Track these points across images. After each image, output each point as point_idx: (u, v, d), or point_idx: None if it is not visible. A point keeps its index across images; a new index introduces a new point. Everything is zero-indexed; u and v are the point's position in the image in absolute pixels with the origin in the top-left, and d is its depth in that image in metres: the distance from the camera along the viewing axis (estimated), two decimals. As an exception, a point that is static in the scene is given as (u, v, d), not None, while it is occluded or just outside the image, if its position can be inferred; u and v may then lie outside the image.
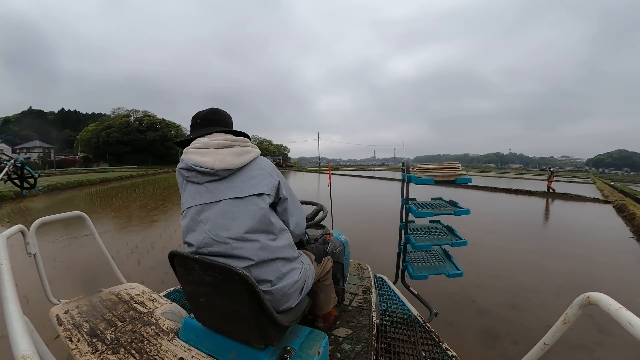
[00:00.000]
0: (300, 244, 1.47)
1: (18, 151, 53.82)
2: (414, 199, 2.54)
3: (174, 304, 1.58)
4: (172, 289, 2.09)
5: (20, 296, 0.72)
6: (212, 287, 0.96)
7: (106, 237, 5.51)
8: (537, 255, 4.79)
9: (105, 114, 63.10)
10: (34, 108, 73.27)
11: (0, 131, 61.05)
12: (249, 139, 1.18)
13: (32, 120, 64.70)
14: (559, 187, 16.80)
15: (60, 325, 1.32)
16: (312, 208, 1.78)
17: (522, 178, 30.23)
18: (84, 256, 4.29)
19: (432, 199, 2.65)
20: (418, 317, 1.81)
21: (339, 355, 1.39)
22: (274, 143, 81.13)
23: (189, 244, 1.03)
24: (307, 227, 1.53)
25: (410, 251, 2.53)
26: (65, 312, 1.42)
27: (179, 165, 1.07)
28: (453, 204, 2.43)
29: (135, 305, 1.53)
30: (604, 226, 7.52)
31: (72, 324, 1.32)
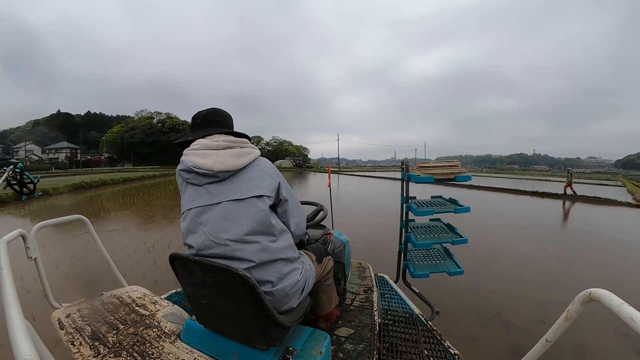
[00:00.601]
0: (301, 244, 1.46)
1: (47, 151, 60.17)
2: (414, 198, 2.54)
3: (176, 306, 1.58)
4: (173, 291, 2.09)
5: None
6: (213, 288, 0.96)
7: (124, 235, 5.73)
8: (566, 264, 4.54)
9: (129, 116, 67.62)
10: (62, 111, 77.04)
11: (31, 133, 64.91)
12: (249, 139, 1.18)
13: (61, 123, 67.94)
14: (585, 190, 15.93)
15: (62, 329, 1.32)
16: (313, 208, 1.78)
17: (546, 180, 27.86)
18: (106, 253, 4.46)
19: (432, 197, 2.65)
20: (420, 316, 1.81)
21: (341, 355, 1.38)
22: (294, 144, 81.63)
23: (190, 246, 1.03)
24: (307, 227, 1.52)
25: (411, 250, 2.53)
26: (67, 316, 1.42)
27: (179, 166, 1.07)
28: (453, 202, 2.43)
29: (137, 308, 1.52)
30: (638, 233, 6.98)
31: (74, 328, 1.32)
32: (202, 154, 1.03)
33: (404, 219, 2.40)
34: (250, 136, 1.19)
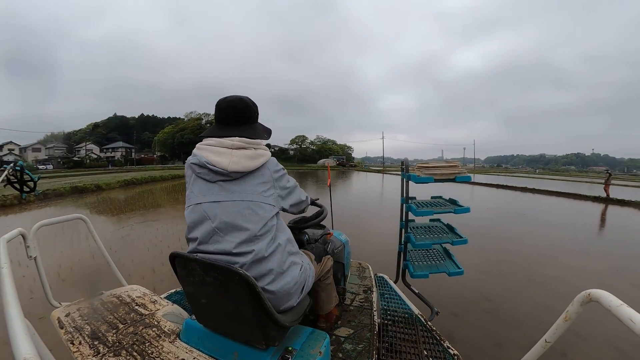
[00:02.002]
0: (300, 243, 1.47)
1: (105, 150, 66.88)
2: (414, 198, 2.54)
3: (175, 305, 1.58)
4: (173, 290, 2.09)
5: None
6: (213, 287, 0.96)
7: (162, 229, 6.14)
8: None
9: (179, 118, 75.00)
10: (118, 114, 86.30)
11: (90, 134, 74.35)
12: (269, 134, 1.20)
13: (117, 124, 77.96)
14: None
15: (62, 328, 1.32)
16: (313, 209, 1.78)
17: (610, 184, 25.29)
18: (143, 245, 4.84)
19: (432, 197, 2.65)
20: (419, 316, 1.81)
21: (340, 355, 1.39)
22: (338, 143, 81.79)
23: (193, 240, 1.04)
24: (307, 227, 1.52)
25: (411, 250, 2.53)
26: (67, 315, 1.42)
27: (191, 159, 1.08)
28: (453, 202, 2.43)
29: (137, 307, 1.52)
30: None
31: (74, 327, 1.32)
32: (216, 151, 1.05)
33: (403, 219, 2.40)
34: (271, 131, 1.22)
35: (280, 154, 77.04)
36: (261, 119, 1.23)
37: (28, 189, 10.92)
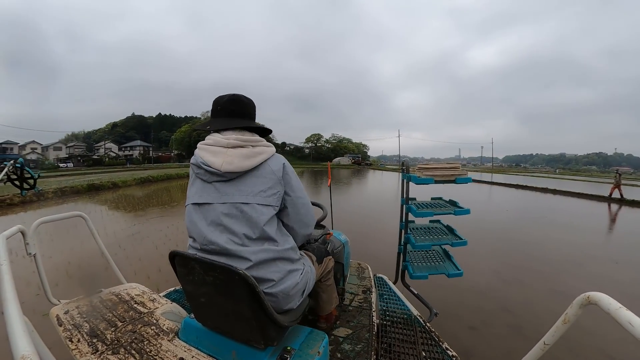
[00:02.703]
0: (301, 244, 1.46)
1: (123, 149, 67.81)
2: (414, 199, 2.54)
3: (174, 304, 1.58)
4: (172, 289, 2.09)
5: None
6: (213, 287, 0.96)
7: (173, 228, 6.16)
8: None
9: (196, 117, 76.41)
10: (136, 114, 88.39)
11: (109, 133, 76.09)
12: (269, 132, 1.18)
13: (135, 124, 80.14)
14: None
15: (61, 325, 1.32)
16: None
17: (632, 185, 22.16)
18: (150, 244, 4.86)
19: (432, 198, 2.64)
20: (418, 317, 1.81)
21: (339, 355, 1.38)
22: (353, 141, 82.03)
23: (194, 239, 1.04)
24: None
25: (411, 251, 2.53)
26: (66, 313, 1.42)
27: (192, 159, 1.08)
28: (453, 203, 2.43)
29: (136, 305, 1.52)
30: None
31: (72, 324, 1.32)
32: (212, 150, 1.03)
33: (403, 220, 2.40)
34: (270, 130, 1.19)
35: (295, 152, 77.46)
36: (276, 118, 1.25)
37: (28, 186, 10.92)
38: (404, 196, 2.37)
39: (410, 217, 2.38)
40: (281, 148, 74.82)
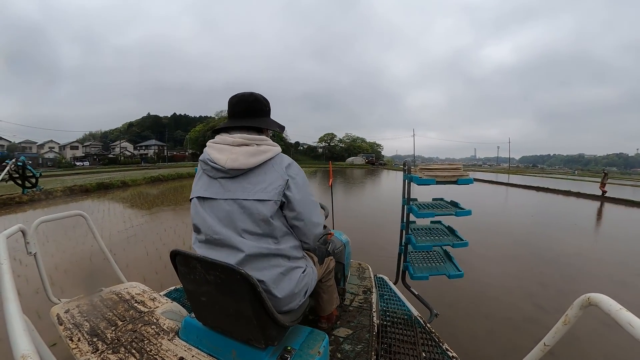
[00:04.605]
0: None
1: (138, 148, 69.30)
2: (415, 200, 2.54)
3: (175, 303, 1.58)
4: (172, 288, 2.09)
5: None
6: (214, 286, 0.96)
7: (185, 225, 6.26)
8: None
9: (210, 117, 76.19)
10: (151, 113, 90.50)
11: (125, 133, 78.25)
12: (282, 129, 1.19)
13: (150, 123, 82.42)
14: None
15: (61, 324, 1.32)
16: None
17: None
18: (150, 247, 4.81)
19: (434, 199, 2.64)
20: (418, 318, 1.81)
21: (339, 356, 1.38)
22: (367, 141, 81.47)
23: (199, 231, 1.06)
24: None
25: (411, 252, 2.52)
26: (66, 312, 1.42)
27: (201, 156, 1.12)
28: (454, 204, 2.42)
29: (136, 304, 1.53)
30: None
31: (73, 324, 1.32)
32: (218, 148, 1.06)
33: (404, 221, 2.39)
34: (283, 126, 1.21)
35: (309, 152, 77.34)
36: (289, 117, 1.25)
37: (30, 185, 10.97)
38: (405, 197, 2.37)
39: (412, 217, 2.38)
40: (294, 147, 74.59)
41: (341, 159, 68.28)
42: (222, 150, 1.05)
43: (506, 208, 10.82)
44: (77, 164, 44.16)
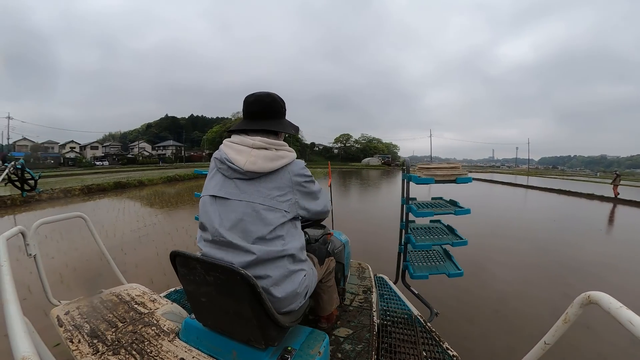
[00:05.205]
0: None
1: (156, 148, 70.14)
2: (414, 199, 2.54)
3: (175, 304, 1.58)
4: (172, 289, 2.09)
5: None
6: (214, 287, 0.96)
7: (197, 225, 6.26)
8: None
9: (227, 117, 79.34)
10: (169, 115, 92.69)
11: (144, 133, 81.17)
12: (296, 130, 1.19)
13: (168, 124, 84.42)
14: None
15: (61, 326, 1.32)
16: None
17: None
18: (156, 248, 4.78)
19: (433, 198, 2.64)
20: (419, 317, 1.81)
21: (339, 355, 1.38)
22: (383, 141, 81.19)
23: (201, 228, 1.07)
24: (307, 226, 1.52)
25: (411, 251, 2.53)
26: (66, 313, 1.42)
27: (216, 153, 1.12)
28: (453, 203, 2.43)
29: (136, 306, 1.52)
30: None
31: (73, 325, 1.32)
32: (237, 149, 1.06)
33: (404, 220, 2.40)
34: (298, 128, 1.21)
35: (324, 152, 77.19)
36: (305, 118, 1.24)
37: (29, 187, 10.94)
38: (405, 196, 2.37)
39: (411, 217, 2.38)
40: (310, 148, 74.34)
41: (357, 159, 67.97)
42: (241, 151, 1.05)
43: (528, 212, 10.27)
44: (97, 163, 44.97)
